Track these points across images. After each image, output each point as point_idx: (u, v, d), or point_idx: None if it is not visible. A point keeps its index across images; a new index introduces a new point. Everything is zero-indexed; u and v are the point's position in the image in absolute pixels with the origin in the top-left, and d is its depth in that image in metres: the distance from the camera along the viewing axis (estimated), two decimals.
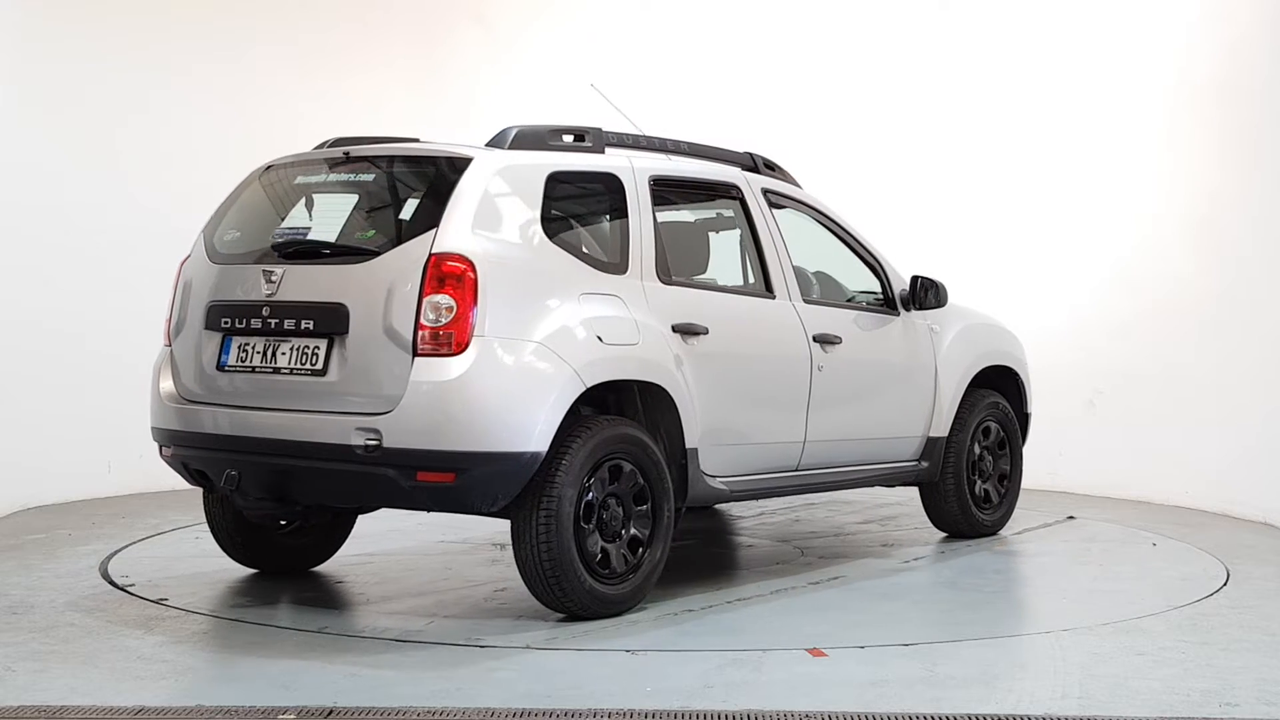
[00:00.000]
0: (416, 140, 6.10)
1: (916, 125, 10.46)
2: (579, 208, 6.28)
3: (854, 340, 6.91)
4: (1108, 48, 9.88)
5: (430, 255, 5.42)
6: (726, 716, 4.47)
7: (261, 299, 5.76)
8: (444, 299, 5.38)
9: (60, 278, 8.99)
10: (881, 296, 7.29)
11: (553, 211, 5.89)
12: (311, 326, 5.62)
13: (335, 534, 6.84)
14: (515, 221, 5.71)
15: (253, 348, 5.80)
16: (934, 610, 6.35)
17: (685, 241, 6.83)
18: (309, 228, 6.00)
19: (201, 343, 5.98)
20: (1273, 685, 4.90)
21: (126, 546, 7.37)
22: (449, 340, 5.36)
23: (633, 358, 5.81)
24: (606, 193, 6.16)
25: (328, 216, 6.04)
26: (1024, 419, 8.12)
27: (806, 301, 6.76)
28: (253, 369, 5.79)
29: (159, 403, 6.13)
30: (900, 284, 7.32)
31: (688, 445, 6.03)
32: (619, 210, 6.13)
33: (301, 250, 5.82)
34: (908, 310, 7.31)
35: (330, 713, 4.48)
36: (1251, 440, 8.74)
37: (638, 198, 6.17)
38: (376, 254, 5.58)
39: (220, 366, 5.90)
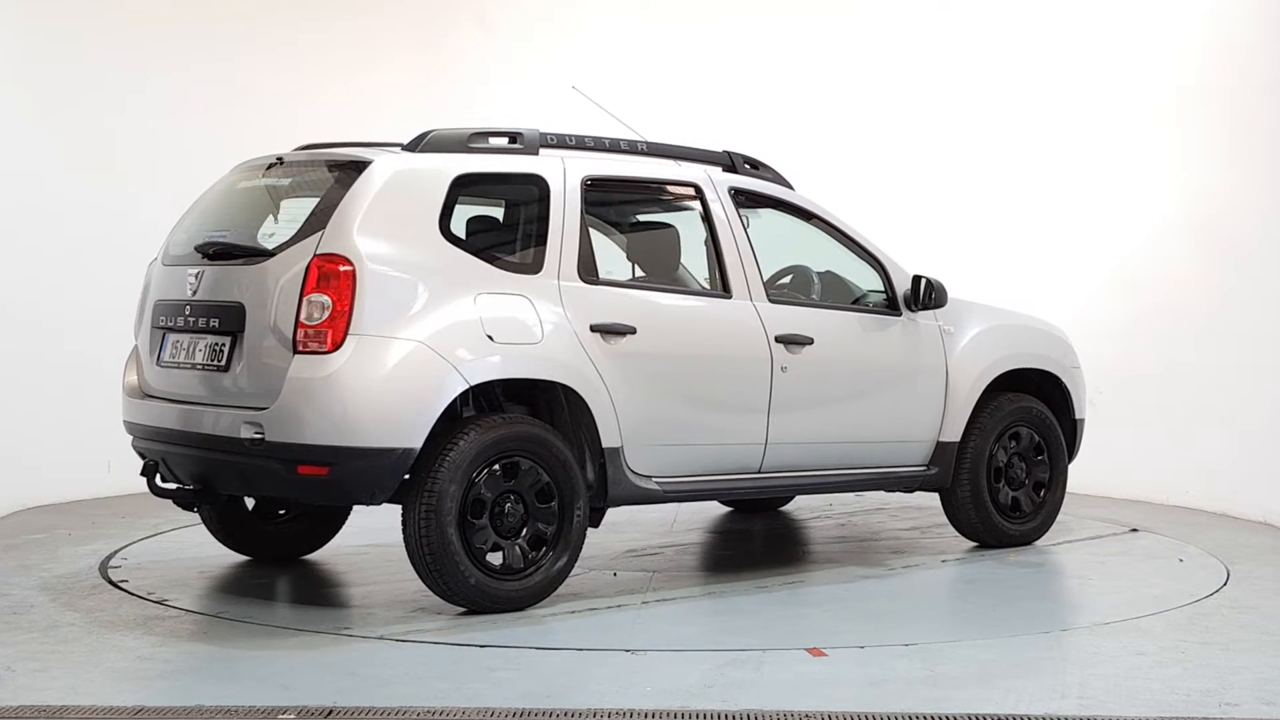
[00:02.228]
0: (398, 145, 6.12)
1: (919, 126, 10.45)
2: (492, 209, 6.39)
3: (831, 341, 6.74)
4: (1110, 48, 9.87)
5: (314, 255, 5.57)
6: (726, 716, 4.47)
7: (186, 299, 6.03)
8: (322, 298, 5.52)
9: (59, 279, 8.98)
10: (887, 297, 7.15)
11: (458, 213, 5.97)
12: (218, 325, 5.86)
13: (328, 524, 6.96)
14: (408, 222, 5.78)
15: (180, 344, 6.07)
16: (934, 610, 6.36)
17: (647, 242, 6.71)
18: (230, 230, 6.18)
19: (150, 339, 6.28)
20: (1272, 685, 4.90)
21: (126, 546, 7.37)
22: (325, 338, 5.50)
23: (531, 357, 5.83)
24: (527, 194, 6.16)
25: (250, 219, 6.23)
26: (1070, 426, 7.69)
27: (774, 302, 6.62)
28: (178, 364, 6.05)
29: (124, 396, 6.46)
30: (904, 284, 7.13)
31: (605, 445, 6.02)
32: (540, 211, 6.11)
33: (219, 252, 6.00)
34: (910, 310, 7.13)
35: (330, 713, 4.48)
36: (1251, 440, 8.73)
37: (564, 198, 6.14)
38: (272, 255, 5.74)
39: (159, 362, 6.18)
